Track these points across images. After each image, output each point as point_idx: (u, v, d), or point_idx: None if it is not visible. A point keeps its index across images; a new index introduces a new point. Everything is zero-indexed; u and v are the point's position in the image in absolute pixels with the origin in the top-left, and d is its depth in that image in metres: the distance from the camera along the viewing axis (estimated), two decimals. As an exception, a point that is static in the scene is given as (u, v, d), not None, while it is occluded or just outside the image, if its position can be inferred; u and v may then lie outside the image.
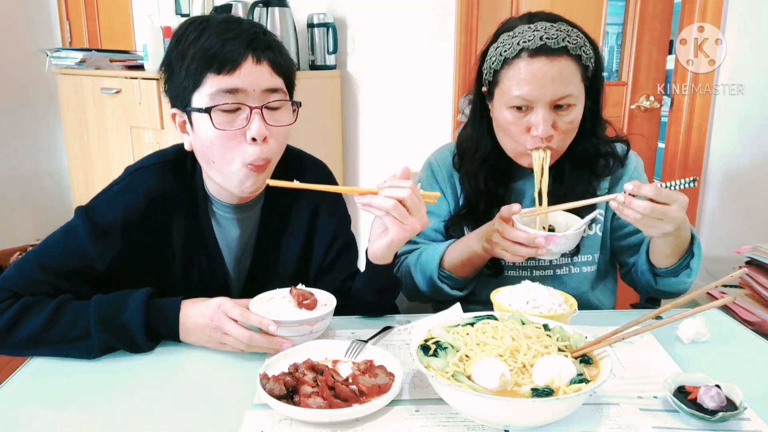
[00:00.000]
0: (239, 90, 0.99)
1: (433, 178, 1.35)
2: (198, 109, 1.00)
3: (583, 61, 1.14)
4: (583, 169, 1.25)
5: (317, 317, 0.98)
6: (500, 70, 1.16)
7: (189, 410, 0.84)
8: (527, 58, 1.11)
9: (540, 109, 1.12)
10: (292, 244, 1.19)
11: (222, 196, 1.13)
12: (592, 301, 1.31)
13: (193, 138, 1.05)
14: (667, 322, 0.85)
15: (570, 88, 1.12)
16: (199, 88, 1.00)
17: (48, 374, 0.95)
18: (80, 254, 1.03)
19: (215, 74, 0.98)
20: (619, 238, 1.32)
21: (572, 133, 1.18)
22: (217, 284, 1.15)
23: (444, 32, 2.51)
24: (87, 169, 2.96)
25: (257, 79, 1.00)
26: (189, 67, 0.99)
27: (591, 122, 1.22)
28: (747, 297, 1.45)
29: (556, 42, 1.10)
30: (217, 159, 1.03)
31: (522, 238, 1.09)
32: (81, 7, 3.68)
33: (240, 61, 0.98)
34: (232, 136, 1.00)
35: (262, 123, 1.01)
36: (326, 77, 2.72)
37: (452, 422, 0.79)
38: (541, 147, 1.15)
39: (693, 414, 0.78)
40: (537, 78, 1.11)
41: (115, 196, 1.08)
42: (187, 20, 1.05)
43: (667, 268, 1.18)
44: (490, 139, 1.25)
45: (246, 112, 1.00)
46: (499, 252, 1.13)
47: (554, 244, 1.10)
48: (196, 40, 0.99)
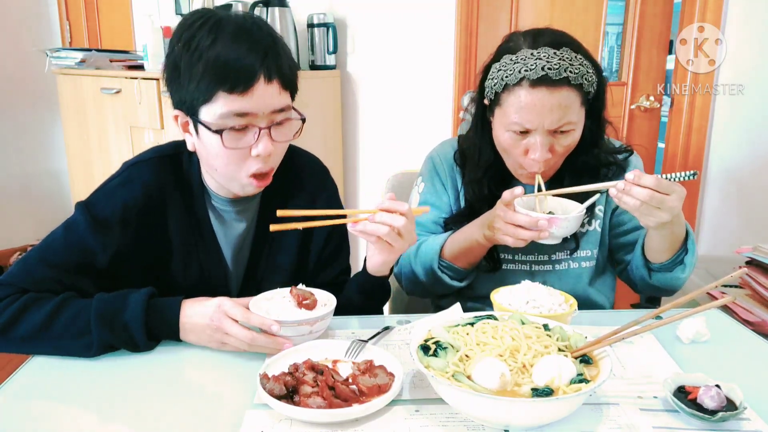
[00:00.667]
0: (249, 113, 0.99)
1: (434, 172, 1.36)
2: (207, 126, 1.00)
3: (585, 89, 1.14)
4: (584, 179, 1.25)
5: (317, 317, 0.98)
6: (501, 93, 1.16)
7: (189, 410, 0.84)
8: (528, 87, 1.12)
9: (538, 135, 1.14)
10: (290, 236, 1.20)
11: (220, 191, 1.14)
12: (590, 297, 1.31)
13: (196, 143, 1.06)
14: (667, 322, 0.85)
15: (569, 116, 1.13)
16: (208, 103, 0.99)
17: (48, 373, 0.95)
18: (82, 248, 1.04)
19: (227, 93, 0.97)
20: (616, 236, 1.33)
21: (569, 151, 1.20)
22: (216, 278, 1.16)
23: (444, 32, 2.51)
24: (87, 169, 2.96)
25: (267, 101, 1.00)
26: (200, 80, 0.98)
27: (592, 137, 1.24)
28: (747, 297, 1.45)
29: (558, 73, 1.10)
30: (220, 168, 1.05)
31: (524, 221, 1.10)
32: (81, 7, 3.68)
33: (252, 82, 0.97)
34: (238, 152, 1.02)
35: (269, 141, 1.02)
36: (326, 77, 2.72)
37: (452, 422, 0.79)
38: (537, 171, 1.18)
39: (693, 414, 0.78)
40: (536, 108, 1.12)
41: (114, 190, 1.09)
42: (196, 16, 1.02)
43: (662, 263, 1.20)
44: (491, 150, 1.27)
45: (254, 131, 1.01)
46: (501, 237, 1.14)
47: (556, 227, 1.10)
48: (209, 48, 0.97)
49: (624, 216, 1.31)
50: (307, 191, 1.22)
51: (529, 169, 1.19)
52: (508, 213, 1.12)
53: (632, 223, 1.31)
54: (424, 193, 1.37)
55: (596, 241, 1.31)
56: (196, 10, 1.05)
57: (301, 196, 1.21)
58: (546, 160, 1.16)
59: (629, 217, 1.30)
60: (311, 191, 1.22)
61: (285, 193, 1.19)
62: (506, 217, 1.12)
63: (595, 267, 1.32)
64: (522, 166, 1.20)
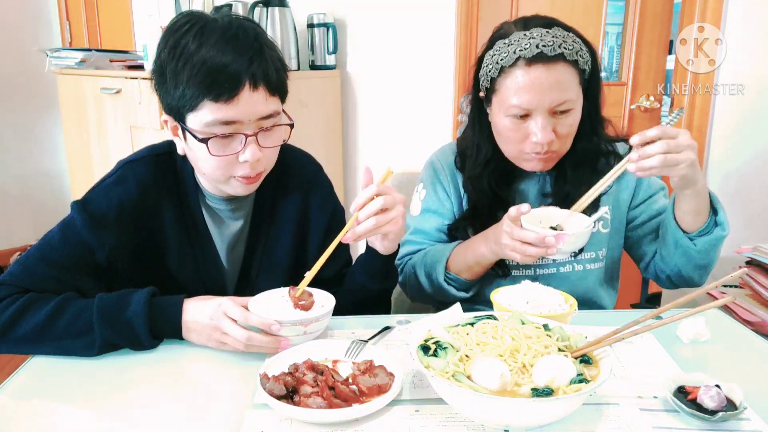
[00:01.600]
0: (235, 121, 1.00)
1: (435, 177, 1.35)
2: (193, 135, 1.01)
3: (580, 66, 1.14)
4: (584, 168, 1.25)
5: (311, 318, 0.97)
6: (497, 78, 1.16)
7: (189, 410, 0.84)
8: (524, 66, 1.12)
9: (539, 116, 1.13)
10: (285, 232, 1.20)
11: (214, 190, 1.15)
12: (598, 300, 1.31)
13: (186, 147, 1.07)
14: (667, 322, 0.85)
15: (568, 93, 1.13)
16: (194, 110, 0.99)
17: (48, 373, 0.95)
18: (80, 245, 1.05)
19: (212, 101, 0.98)
20: (634, 229, 1.31)
21: (572, 135, 1.19)
22: (212, 276, 1.17)
23: (444, 32, 2.51)
24: (87, 169, 2.96)
25: (253, 109, 1.00)
26: (185, 88, 0.98)
27: (590, 122, 1.23)
28: (747, 297, 1.45)
29: (552, 49, 1.10)
30: (208, 173, 1.06)
31: (531, 239, 1.08)
32: (81, 7, 3.68)
33: (237, 90, 0.97)
34: (225, 158, 1.03)
35: (257, 148, 1.02)
36: (326, 77, 2.72)
37: (452, 422, 0.79)
38: (542, 153, 1.16)
39: (693, 414, 0.78)
40: (535, 86, 1.11)
41: (109, 188, 1.10)
42: (183, 20, 1.02)
43: (701, 228, 1.16)
44: (490, 144, 1.26)
45: (241, 138, 1.01)
46: (509, 253, 1.12)
47: (564, 243, 1.08)
48: (194, 54, 0.97)
49: (635, 211, 1.30)
50: (301, 188, 1.22)
51: (531, 151, 1.16)
52: (515, 229, 1.10)
53: (647, 213, 1.29)
54: (426, 200, 1.35)
55: (601, 243, 1.29)
56: (183, 13, 1.05)
57: (295, 194, 1.21)
58: (549, 142, 1.14)
59: (642, 210, 1.29)
60: (305, 188, 1.22)
61: (279, 191, 1.19)
62: (513, 233, 1.10)
63: (604, 269, 1.31)
64: (524, 153, 1.18)
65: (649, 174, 1.06)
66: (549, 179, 1.28)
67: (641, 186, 1.31)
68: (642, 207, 1.30)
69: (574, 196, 1.19)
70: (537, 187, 1.29)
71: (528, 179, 1.30)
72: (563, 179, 1.25)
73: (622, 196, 1.30)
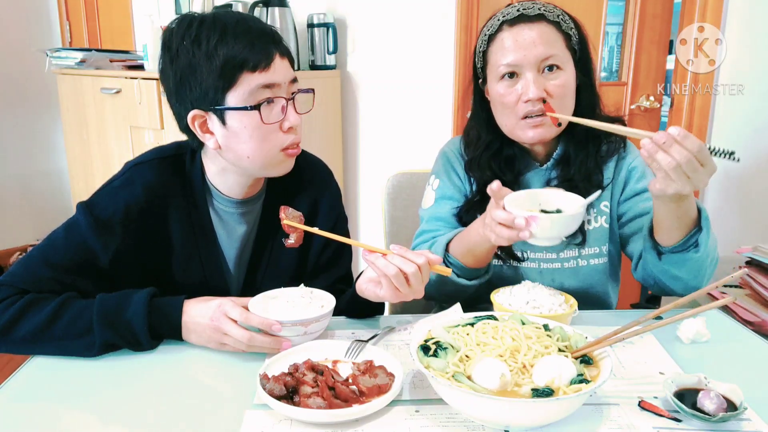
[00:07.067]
0: (275, 84, 1.04)
1: (449, 165, 1.35)
2: (241, 108, 1.02)
3: (563, 29, 1.19)
4: (587, 150, 1.26)
5: (311, 318, 0.97)
6: (487, 49, 1.23)
7: (189, 410, 0.84)
8: (507, 28, 1.19)
9: (527, 72, 1.17)
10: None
11: (228, 191, 1.14)
12: (605, 296, 1.30)
13: (223, 136, 1.06)
14: (667, 323, 0.85)
15: (553, 49, 1.17)
16: (233, 87, 1.02)
17: (48, 373, 0.95)
18: (83, 248, 1.05)
19: (251, 72, 1.01)
20: (623, 224, 1.28)
21: (567, 98, 1.20)
22: (217, 280, 1.16)
23: (444, 32, 2.51)
24: (87, 169, 2.96)
25: (285, 73, 1.06)
26: (222, 68, 1.00)
27: (587, 97, 1.25)
28: (747, 297, 1.45)
29: (533, 11, 1.18)
30: (253, 152, 1.06)
31: (502, 219, 1.00)
32: (81, 7, 3.68)
33: (272, 58, 1.04)
34: (269, 129, 1.05)
35: (295, 112, 1.08)
36: (326, 77, 2.72)
37: (452, 422, 0.79)
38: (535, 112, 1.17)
39: (693, 414, 0.78)
40: (518, 43, 1.17)
41: (116, 191, 1.09)
42: (188, 19, 1.04)
43: (674, 245, 1.09)
44: (491, 129, 1.28)
45: (281, 103, 1.05)
46: (488, 233, 1.06)
47: (538, 227, 0.97)
48: (221, 40, 1.00)
49: (622, 206, 1.28)
50: (311, 194, 1.21)
51: (528, 114, 1.18)
52: (491, 208, 1.04)
53: (633, 210, 1.26)
54: (440, 189, 1.33)
55: (604, 238, 1.28)
56: (177, 18, 1.07)
57: (304, 199, 1.21)
58: (540, 98, 1.15)
59: (629, 206, 1.27)
60: (314, 194, 1.22)
61: (288, 196, 1.19)
62: (491, 213, 1.04)
63: (608, 264, 1.29)
64: (521, 120, 1.19)
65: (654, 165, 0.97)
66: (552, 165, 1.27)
67: (630, 181, 1.28)
68: (629, 203, 1.27)
69: (578, 179, 1.21)
70: (542, 174, 1.28)
71: (532, 170, 1.29)
72: (567, 162, 1.25)
73: (615, 191, 1.30)
